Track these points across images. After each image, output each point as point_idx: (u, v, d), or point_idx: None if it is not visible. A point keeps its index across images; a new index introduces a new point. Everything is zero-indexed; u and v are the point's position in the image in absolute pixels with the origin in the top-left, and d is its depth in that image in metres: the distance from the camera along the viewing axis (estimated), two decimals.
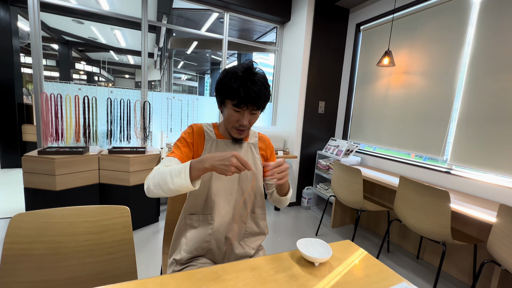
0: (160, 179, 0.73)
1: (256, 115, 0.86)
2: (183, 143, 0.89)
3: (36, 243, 0.73)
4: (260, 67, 0.85)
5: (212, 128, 0.94)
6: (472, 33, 1.88)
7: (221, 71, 0.85)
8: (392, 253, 2.17)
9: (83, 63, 9.35)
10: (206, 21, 4.18)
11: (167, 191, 0.73)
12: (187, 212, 0.91)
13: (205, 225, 0.89)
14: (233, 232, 0.91)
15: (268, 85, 0.84)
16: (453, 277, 1.88)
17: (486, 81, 1.79)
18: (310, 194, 3.02)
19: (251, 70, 0.81)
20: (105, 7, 3.81)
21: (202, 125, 0.94)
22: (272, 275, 0.71)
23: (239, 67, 0.81)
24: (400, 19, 2.40)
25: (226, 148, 0.92)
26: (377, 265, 0.80)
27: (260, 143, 1.00)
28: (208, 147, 0.90)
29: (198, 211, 0.90)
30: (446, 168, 2.05)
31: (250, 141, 0.98)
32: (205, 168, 0.70)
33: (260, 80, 0.80)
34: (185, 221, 0.91)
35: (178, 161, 0.84)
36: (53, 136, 2.21)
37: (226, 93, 0.81)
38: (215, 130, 0.94)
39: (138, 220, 2.25)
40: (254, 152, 0.97)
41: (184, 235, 0.91)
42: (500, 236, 1.28)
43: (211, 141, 0.91)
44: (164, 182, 0.72)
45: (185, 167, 0.71)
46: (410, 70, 2.31)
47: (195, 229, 0.90)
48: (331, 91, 3.07)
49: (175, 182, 0.70)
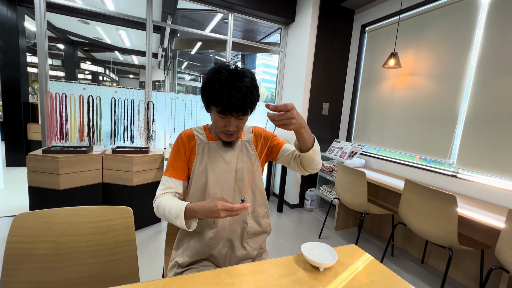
0: (164, 216, 0.80)
1: (244, 119, 0.83)
2: (175, 157, 0.89)
3: (39, 243, 0.73)
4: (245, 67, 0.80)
5: (203, 131, 0.92)
6: (480, 35, 1.85)
7: (208, 71, 0.81)
8: (396, 257, 2.14)
9: (88, 63, 9.44)
10: (210, 22, 4.18)
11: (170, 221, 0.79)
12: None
13: (207, 229, 0.88)
14: (234, 233, 0.90)
15: (255, 87, 0.79)
16: (459, 283, 1.84)
17: (494, 83, 1.76)
18: (313, 196, 3.00)
19: (236, 74, 0.76)
20: (111, 7, 3.83)
21: (192, 129, 0.92)
22: (276, 279, 0.69)
23: (224, 71, 0.76)
24: (406, 20, 2.38)
25: (218, 150, 0.89)
26: (384, 271, 0.78)
27: (254, 137, 0.97)
28: (201, 151, 0.89)
29: None
30: (453, 172, 2.01)
31: (244, 139, 0.95)
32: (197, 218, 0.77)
33: (246, 85, 0.75)
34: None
35: (174, 180, 0.87)
36: (58, 135, 2.22)
37: (210, 98, 0.78)
38: (206, 132, 0.92)
39: (140, 220, 2.25)
40: (249, 149, 0.94)
41: (187, 240, 0.90)
42: (508, 242, 1.24)
43: (202, 145, 0.90)
44: (168, 219, 0.79)
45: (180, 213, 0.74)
46: (416, 72, 2.29)
47: (197, 233, 0.89)
48: (335, 93, 3.05)
49: (176, 223, 0.76)
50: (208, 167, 0.87)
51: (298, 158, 0.91)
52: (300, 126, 0.75)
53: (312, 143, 0.83)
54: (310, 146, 0.83)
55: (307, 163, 0.88)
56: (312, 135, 0.83)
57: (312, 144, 0.83)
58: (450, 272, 1.90)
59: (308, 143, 0.82)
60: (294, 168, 0.93)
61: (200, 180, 0.87)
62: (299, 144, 0.84)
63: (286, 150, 0.95)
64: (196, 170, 0.88)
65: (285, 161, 0.95)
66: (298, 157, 0.91)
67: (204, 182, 0.87)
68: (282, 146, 0.96)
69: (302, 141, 0.81)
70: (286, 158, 0.95)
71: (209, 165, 0.87)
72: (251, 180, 0.91)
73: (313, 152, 0.84)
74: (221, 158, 0.89)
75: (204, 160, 0.88)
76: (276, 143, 0.97)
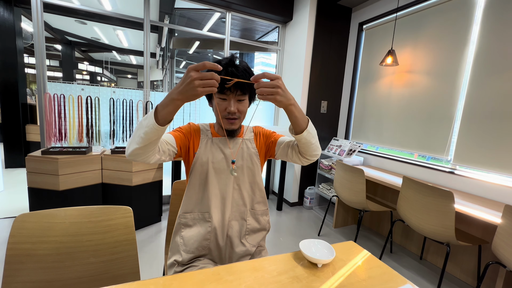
0: (133, 137, 0.70)
1: (244, 102, 0.85)
2: (179, 131, 0.91)
3: (40, 243, 0.74)
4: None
5: (209, 127, 0.96)
6: (477, 32, 1.86)
7: None
8: (395, 254, 2.15)
9: (86, 63, 9.40)
10: (208, 21, 4.18)
11: (139, 140, 0.68)
12: (181, 212, 0.92)
13: (203, 223, 0.89)
14: (233, 230, 0.91)
15: (251, 71, 0.83)
16: (457, 278, 1.86)
17: (491, 80, 1.77)
18: (312, 194, 3.01)
19: (232, 60, 0.82)
20: (108, 7, 3.82)
21: (199, 124, 0.97)
22: (275, 276, 0.70)
23: (221, 59, 0.83)
24: (404, 17, 2.38)
25: (220, 145, 0.92)
26: (381, 267, 0.79)
27: (254, 136, 0.99)
28: (204, 145, 0.91)
29: (194, 210, 0.90)
30: (450, 168, 2.03)
31: (245, 137, 0.97)
32: (173, 99, 0.63)
33: (243, 66, 0.81)
34: (179, 221, 0.92)
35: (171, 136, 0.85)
36: (57, 136, 2.22)
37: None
38: (211, 129, 0.96)
39: (140, 220, 2.26)
40: (250, 147, 0.96)
41: (179, 234, 0.91)
42: (505, 237, 1.26)
43: (206, 139, 0.92)
44: (137, 135, 0.68)
45: (151, 112, 0.67)
46: (413, 69, 2.30)
47: (190, 227, 0.90)
48: (333, 91, 3.06)
49: (143, 124, 0.67)
50: (209, 161, 0.89)
51: (296, 146, 0.87)
52: (289, 102, 0.71)
53: (306, 123, 0.79)
54: (304, 127, 0.78)
55: (304, 149, 0.83)
56: (305, 116, 0.80)
57: (306, 125, 0.79)
58: (448, 267, 1.92)
59: (301, 123, 0.77)
60: (293, 158, 0.89)
61: (201, 174, 0.89)
62: (293, 125, 0.79)
63: (281, 141, 0.95)
64: (198, 163, 0.89)
65: (283, 153, 0.93)
66: (296, 146, 0.88)
67: (205, 176, 0.89)
68: (278, 139, 0.97)
69: (294, 121, 0.77)
70: (283, 150, 0.92)
71: (211, 159, 0.90)
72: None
73: (308, 134, 0.79)
74: (222, 154, 0.91)
75: (206, 154, 0.90)
76: (273, 139, 0.98)
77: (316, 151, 0.85)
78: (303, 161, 0.88)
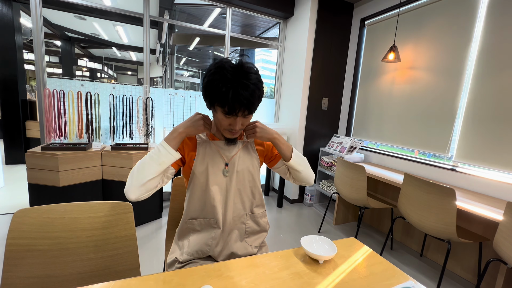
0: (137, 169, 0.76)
1: (249, 117, 0.82)
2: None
3: (39, 239, 0.73)
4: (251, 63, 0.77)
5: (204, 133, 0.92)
6: (480, 28, 1.84)
7: (208, 66, 0.77)
8: (395, 251, 2.15)
9: (86, 59, 9.34)
10: (208, 17, 4.14)
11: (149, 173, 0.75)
12: (187, 217, 0.89)
13: (209, 229, 0.88)
14: (234, 234, 0.90)
15: (261, 84, 0.77)
16: (458, 275, 1.86)
17: (494, 77, 1.75)
18: (312, 191, 3.01)
19: (241, 70, 0.73)
20: (107, 2, 3.78)
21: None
22: (276, 272, 0.70)
23: (228, 66, 0.73)
24: (406, 13, 2.35)
25: (220, 150, 0.88)
26: (383, 263, 0.79)
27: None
28: (202, 151, 0.87)
29: (199, 216, 0.88)
30: (452, 165, 2.02)
31: (246, 139, 0.94)
32: (180, 133, 0.78)
33: (253, 82, 0.73)
34: (186, 225, 0.90)
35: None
36: (56, 132, 2.21)
37: (215, 97, 0.74)
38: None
39: (141, 216, 2.26)
40: (250, 150, 0.93)
41: (187, 238, 0.90)
42: (506, 235, 1.26)
43: (204, 144, 0.88)
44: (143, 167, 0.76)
45: (160, 143, 0.77)
46: (415, 66, 2.27)
47: (198, 232, 0.89)
48: (334, 87, 3.04)
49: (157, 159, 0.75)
50: (209, 167, 0.86)
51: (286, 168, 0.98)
52: (271, 135, 0.88)
53: (290, 153, 0.91)
54: (288, 156, 0.91)
55: (295, 174, 0.96)
56: (290, 146, 0.92)
57: (290, 154, 0.91)
58: (449, 264, 1.92)
59: (287, 152, 0.91)
60: (289, 179, 1.01)
61: (201, 180, 0.86)
62: (281, 154, 0.93)
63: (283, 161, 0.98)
64: (197, 170, 0.86)
65: (283, 171, 1.00)
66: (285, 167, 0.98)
67: (205, 182, 0.86)
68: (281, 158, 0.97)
69: (280, 151, 0.92)
70: (284, 169, 1.00)
71: (210, 165, 0.86)
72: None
73: (294, 162, 0.91)
74: (222, 159, 0.88)
75: (205, 160, 0.86)
76: (276, 153, 0.98)
77: (305, 181, 0.97)
78: (297, 183, 1.01)
